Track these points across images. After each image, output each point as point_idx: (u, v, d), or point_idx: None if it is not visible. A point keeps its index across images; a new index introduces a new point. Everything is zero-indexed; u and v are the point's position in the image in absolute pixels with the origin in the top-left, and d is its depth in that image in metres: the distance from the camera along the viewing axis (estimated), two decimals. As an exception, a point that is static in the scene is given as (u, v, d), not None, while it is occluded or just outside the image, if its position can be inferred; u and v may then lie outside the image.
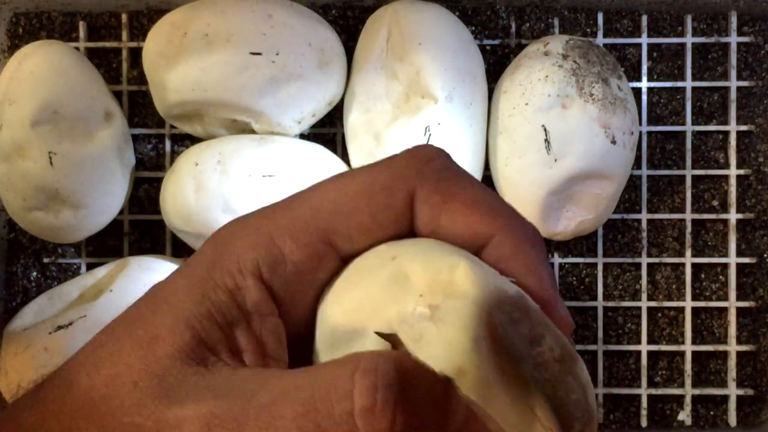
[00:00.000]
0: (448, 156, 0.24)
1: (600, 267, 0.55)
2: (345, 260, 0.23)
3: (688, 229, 0.55)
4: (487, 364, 0.20)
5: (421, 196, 0.22)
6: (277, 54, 0.50)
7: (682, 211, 0.55)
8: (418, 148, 0.24)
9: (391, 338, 0.21)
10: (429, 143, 0.24)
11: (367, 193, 0.23)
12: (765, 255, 0.56)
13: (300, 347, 0.23)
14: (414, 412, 0.19)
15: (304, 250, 0.22)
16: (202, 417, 0.19)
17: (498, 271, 0.22)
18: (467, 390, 0.20)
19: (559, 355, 0.21)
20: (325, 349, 0.22)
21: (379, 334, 0.21)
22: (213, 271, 0.22)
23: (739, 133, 0.56)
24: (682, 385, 0.55)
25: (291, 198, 0.23)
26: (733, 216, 0.55)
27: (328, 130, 0.56)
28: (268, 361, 0.22)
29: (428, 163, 0.23)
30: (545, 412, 0.20)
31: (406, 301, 0.21)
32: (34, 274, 0.56)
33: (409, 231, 0.23)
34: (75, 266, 0.56)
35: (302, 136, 0.55)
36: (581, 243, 0.55)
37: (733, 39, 0.56)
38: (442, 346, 0.20)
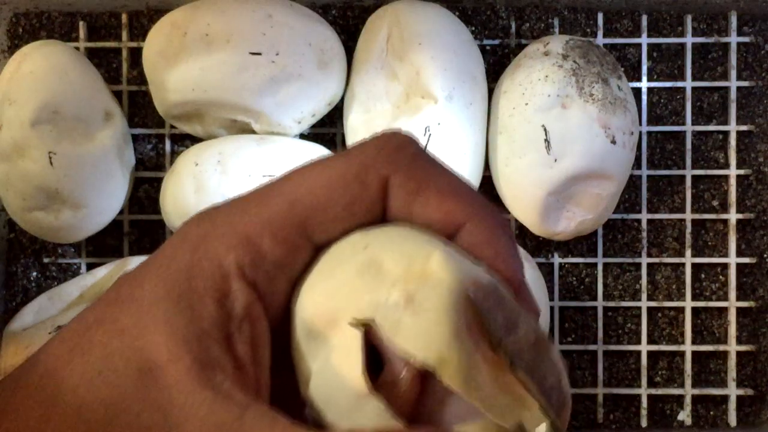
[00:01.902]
0: (418, 143, 0.24)
1: (600, 267, 0.55)
2: (319, 249, 0.23)
3: (688, 229, 0.55)
4: (467, 351, 0.20)
5: (395, 182, 0.22)
6: (277, 54, 0.50)
7: (682, 211, 0.55)
8: (388, 135, 0.24)
9: (365, 325, 0.21)
10: (399, 130, 0.24)
11: (342, 184, 0.22)
12: (765, 255, 0.56)
13: (278, 336, 0.23)
14: None
15: (283, 245, 0.22)
16: None
17: (475, 254, 0.22)
18: (449, 378, 0.20)
19: (534, 340, 0.21)
20: (303, 338, 0.22)
21: (352, 323, 0.21)
22: (194, 279, 0.21)
23: (739, 133, 0.56)
24: (682, 385, 0.55)
25: (263, 190, 0.23)
26: (733, 216, 0.55)
27: (328, 130, 0.56)
28: (258, 368, 0.21)
29: (400, 149, 0.23)
30: (531, 391, 0.20)
31: (379, 289, 0.21)
32: (34, 274, 0.56)
33: (382, 218, 0.23)
34: (75, 266, 0.56)
35: (302, 136, 0.55)
36: (581, 243, 0.55)
37: (733, 39, 0.56)
38: (422, 335, 0.20)
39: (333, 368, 0.21)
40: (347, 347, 0.21)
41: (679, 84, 0.56)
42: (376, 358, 0.21)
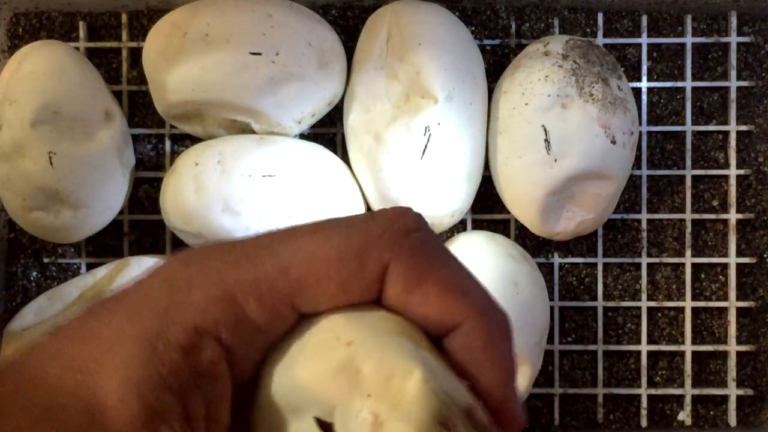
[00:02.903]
0: (426, 226, 0.23)
1: (600, 267, 0.55)
2: (302, 316, 0.22)
3: (688, 229, 0.55)
4: None
5: (395, 270, 0.21)
6: (277, 54, 0.50)
7: (682, 211, 0.55)
8: (396, 214, 0.23)
9: (328, 425, 0.20)
10: (409, 208, 0.23)
11: (339, 261, 0.21)
12: (765, 255, 0.56)
13: (243, 393, 0.22)
14: None
15: (268, 313, 0.21)
16: None
17: (461, 360, 0.22)
18: None
19: None
20: (267, 409, 0.22)
21: (317, 421, 0.21)
22: (167, 324, 0.20)
23: (739, 133, 0.56)
24: (682, 385, 0.55)
25: (257, 246, 0.22)
26: (733, 216, 0.55)
27: (328, 130, 0.56)
28: (212, 425, 0.21)
29: (406, 234, 0.22)
30: None
31: (353, 397, 0.20)
32: (34, 274, 0.56)
33: (375, 299, 0.22)
34: (75, 266, 0.56)
35: (302, 136, 0.55)
36: (581, 243, 0.55)
37: (733, 39, 0.56)
38: None
39: None
40: None
41: (679, 84, 0.56)
42: None
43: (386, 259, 0.21)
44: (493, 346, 0.22)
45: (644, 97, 0.55)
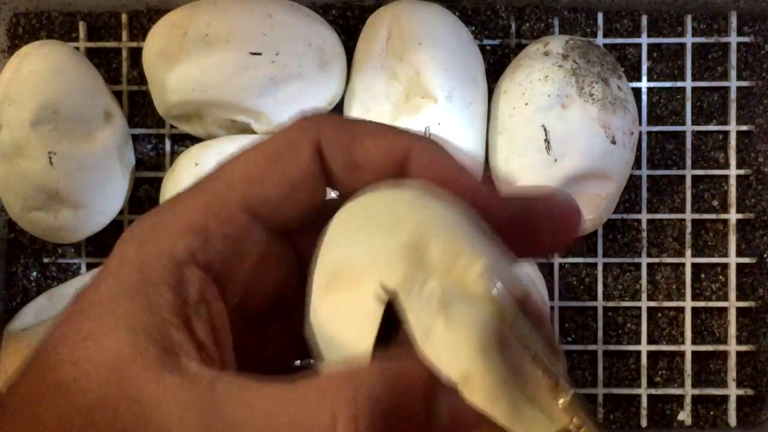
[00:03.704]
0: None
1: (600, 267, 0.55)
2: (273, 231, 0.23)
3: (688, 229, 0.55)
4: (493, 370, 0.20)
5: (328, 141, 0.23)
6: (277, 54, 0.50)
7: (682, 211, 0.55)
8: (308, 111, 0.25)
9: (392, 296, 0.21)
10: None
11: (274, 155, 0.23)
12: (765, 255, 0.56)
13: (241, 313, 0.24)
14: None
15: (228, 224, 0.22)
16: None
17: (428, 175, 0.23)
18: (472, 396, 0.20)
19: (550, 352, 0.22)
20: (324, 276, 0.23)
21: (379, 291, 0.21)
22: (146, 271, 0.21)
23: (739, 133, 0.56)
24: (682, 385, 0.55)
25: (202, 181, 0.23)
26: (733, 216, 0.55)
27: (328, 130, 0.55)
28: (220, 346, 0.22)
29: (326, 116, 0.24)
30: (554, 409, 0.21)
31: (418, 273, 0.21)
32: (34, 274, 0.56)
33: (325, 183, 0.24)
34: (75, 266, 0.56)
35: (302, 136, 0.55)
36: (581, 243, 0.55)
37: (733, 39, 0.56)
38: (451, 348, 0.20)
39: (347, 320, 0.22)
40: (366, 309, 0.21)
41: (679, 84, 0.56)
42: (389, 316, 0.22)
43: (315, 137, 0.23)
44: (446, 154, 0.23)
45: (644, 97, 0.55)
